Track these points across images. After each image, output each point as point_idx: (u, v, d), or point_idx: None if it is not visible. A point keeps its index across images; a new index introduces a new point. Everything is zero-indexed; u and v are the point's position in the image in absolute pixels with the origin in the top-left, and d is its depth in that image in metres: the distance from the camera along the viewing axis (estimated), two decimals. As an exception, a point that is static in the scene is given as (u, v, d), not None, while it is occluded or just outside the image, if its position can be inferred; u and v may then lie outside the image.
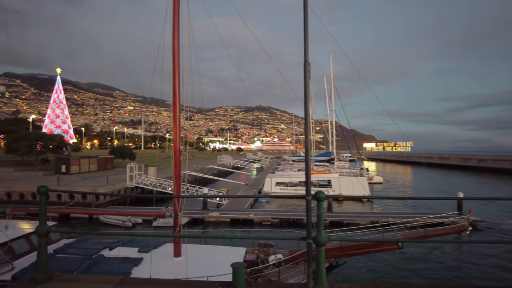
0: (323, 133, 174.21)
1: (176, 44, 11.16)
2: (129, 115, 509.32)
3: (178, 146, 11.54)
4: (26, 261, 10.81)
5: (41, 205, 3.32)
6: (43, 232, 3.24)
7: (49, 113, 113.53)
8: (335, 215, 27.14)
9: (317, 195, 3.24)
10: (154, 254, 10.93)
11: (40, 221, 3.30)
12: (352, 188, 37.99)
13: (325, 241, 3.07)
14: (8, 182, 35.60)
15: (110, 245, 12.17)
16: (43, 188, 3.34)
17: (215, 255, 11.62)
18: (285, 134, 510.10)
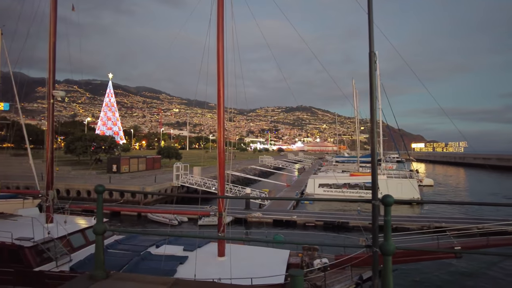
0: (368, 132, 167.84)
1: (221, 47, 11.28)
2: (175, 117, 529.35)
3: (222, 146, 11.61)
4: (82, 254, 11.53)
5: (98, 203, 3.41)
6: (101, 230, 3.32)
7: (101, 116, 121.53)
8: (381, 219, 25.89)
9: (386, 199, 2.92)
10: (199, 253, 11.11)
11: (98, 219, 3.39)
12: (401, 191, 36.14)
13: (393, 250, 2.80)
14: (67, 179, 38.47)
15: (157, 242, 12.61)
16: (100, 187, 3.42)
17: (258, 256, 11.54)
18: (327, 134, 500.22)
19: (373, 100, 2.88)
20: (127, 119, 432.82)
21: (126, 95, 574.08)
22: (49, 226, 12.13)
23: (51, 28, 12.68)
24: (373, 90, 2.91)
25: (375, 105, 2.90)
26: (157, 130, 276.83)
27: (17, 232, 11.05)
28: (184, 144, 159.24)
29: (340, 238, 17.69)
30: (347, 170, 51.42)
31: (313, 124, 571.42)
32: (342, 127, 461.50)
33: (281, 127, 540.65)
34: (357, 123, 65.31)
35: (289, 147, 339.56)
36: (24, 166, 39.71)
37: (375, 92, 2.95)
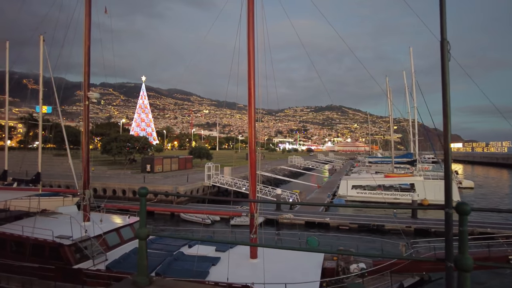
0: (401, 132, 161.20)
1: (252, 47, 11.03)
2: (205, 118, 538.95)
3: (254, 147, 11.34)
4: (117, 253, 11.69)
5: (141, 207, 3.21)
6: (144, 235, 3.13)
7: (135, 118, 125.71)
8: (421, 222, 24.66)
9: (461, 207, 2.40)
10: (231, 254, 10.92)
11: (141, 223, 3.19)
12: (439, 193, 34.25)
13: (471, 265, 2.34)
14: (103, 179, 39.92)
15: (189, 242, 12.56)
16: (143, 190, 3.22)
17: (291, 259, 11.15)
18: (358, 134, 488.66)
19: (446, 91, 2.45)
20: (160, 120, 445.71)
21: (159, 97, 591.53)
22: (86, 225, 12.45)
23: (85, 33, 13.05)
24: (446, 83, 2.47)
25: (448, 98, 2.46)
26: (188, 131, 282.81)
27: (57, 230, 11.41)
28: (214, 144, 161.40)
29: (378, 242, 16.90)
30: (381, 171, 49.63)
31: (344, 123, 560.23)
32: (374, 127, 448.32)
33: (310, 127, 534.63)
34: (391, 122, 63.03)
35: (318, 147, 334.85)
36: (64, 165, 41.69)
37: (448, 87, 2.52)
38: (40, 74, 25.30)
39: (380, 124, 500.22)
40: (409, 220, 25.79)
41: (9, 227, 12.25)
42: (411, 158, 55.57)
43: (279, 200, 29.95)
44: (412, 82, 47.22)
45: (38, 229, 11.30)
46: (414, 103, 49.35)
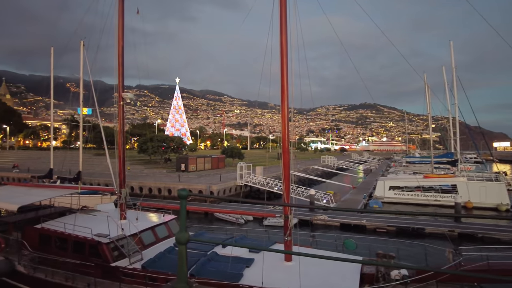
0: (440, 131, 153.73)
1: (284, 46, 10.67)
2: (236, 118, 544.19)
3: (287, 146, 11.00)
4: (152, 251, 11.81)
5: (181, 209, 3.03)
6: (184, 240, 2.94)
7: (170, 118, 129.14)
8: (465, 227, 23.10)
9: None
10: (266, 256, 10.65)
11: (181, 227, 3.01)
12: (485, 195, 32.11)
13: None
14: (140, 178, 41.24)
15: (223, 241, 12.44)
16: (183, 192, 3.03)
17: (328, 262, 10.67)
18: (394, 133, 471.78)
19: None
20: (193, 120, 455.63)
21: (192, 98, 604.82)
22: (122, 223, 12.71)
23: (118, 34, 13.36)
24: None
25: None
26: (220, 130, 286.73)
27: (95, 228, 11.75)
28: (246, 144, 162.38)
29: (420, 247, 15.92)
30: (419, 172, 47.31)
31: (378, 122, 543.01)
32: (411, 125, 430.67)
33: (343, 126, 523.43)
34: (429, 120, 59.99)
35: (352, 146, 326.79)
36: (104, 164, 43.47)
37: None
38: (80, 78, 26.45)
39: (417, 122, 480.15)
40: (453, 223, 24.25)
41: (52, 223, 12.80)
42: (451, 158, 52.59)
43: (312, 200, 29.36)
44: (453, 78, 44.57)
45: (79, 227, 11.70)
46: (455, 99, 46.61)
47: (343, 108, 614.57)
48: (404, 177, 39.17)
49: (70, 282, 10.90)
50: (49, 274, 11.39)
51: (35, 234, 12.66)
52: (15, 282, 12.28)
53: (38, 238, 12.59)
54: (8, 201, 14.12)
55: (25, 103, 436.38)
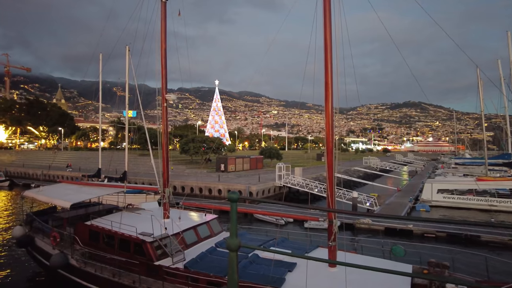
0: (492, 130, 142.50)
1: (328, 44, 10.20)
2: (274, 119, 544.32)
3: (331, 146, 10.52)
4: (194, 251, 11.88)
5: (232, 214, 2.81)
6: (235, 246, 2.73)
7: (210, 120, 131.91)
8: None
9: None
10: (308, 260, 10.27)
11: (231, 232, 2.79)
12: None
13: None
14: (182, 177, 42.37)
15: (264, 243, 12.22)
16: (234, 195, 2.81)
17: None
18: (440, 132, 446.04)
19: None
20: (231, 121, 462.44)
21: (230, 100, 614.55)
22: (166, 222, 12.96)
23: (161, 37, 13.69)
24: None
25: None
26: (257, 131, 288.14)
27: (140, 226, 12.08)
28: (283, 144, 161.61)
29: (480, 257, 14.50)
30: (471, 174, 44.01)
31: (424, 121, 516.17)
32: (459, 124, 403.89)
33: (385, 125, 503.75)
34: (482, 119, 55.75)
35: (396, 147, 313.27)
36: (148, 164, 45.23)
37: None
38: (126, 81, 27.65)
39: (466, 121, 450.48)
40: None
41: (101, 221, 13.39)
42: (509, 160, 48.43)
43: (355, 203, 28.30)
44: (511, 72, 41.08)
45: (125, 225, 12.09)
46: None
47: (385, 107, 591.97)
48: (455, 180, 36.61)
49: (117, 278, 11.28)
50: (98, 269, 11.91)
51: (85, 230, 13.31)
52: (68, 275, 13.00)
53: (88, 234, 13.23)
54: (63, 198, 15.00)
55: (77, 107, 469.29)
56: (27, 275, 16.68)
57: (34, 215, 16.51)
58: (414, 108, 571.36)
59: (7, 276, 16.44)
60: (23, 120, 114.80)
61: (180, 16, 14.10)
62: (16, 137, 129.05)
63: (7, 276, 16.44)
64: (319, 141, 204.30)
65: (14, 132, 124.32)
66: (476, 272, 10.67)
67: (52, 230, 13.80)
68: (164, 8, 13.99)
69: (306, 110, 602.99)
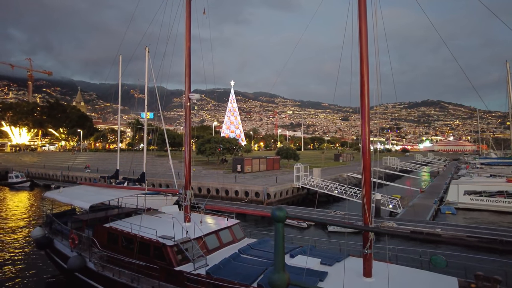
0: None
1: (364, 41, 9.47)
2: (289, 119, 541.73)
3: (368, 146, 9.80)
4: (216, 257, 11.31)
5: (277, 236, 2.13)
6: (283, 284, 2.03)
7: (225, 120, 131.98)
8: None
9: None
10: (339, 269, 9.56)
11: (276, 265, 2.09)
12: None
13: None
14: (199, 178, 42.14)
15: (290, 250, 11.57)
16: (280, 212, 2.14)
17: (413, 281, 9.22)
18: (460, 131, 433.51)
19: None
20: (246, 122, 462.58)
21: (245, 101, 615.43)
22: (187, 225, 12.50)
23: (186, 35, 13.25)
24: None
25: None
26: (273, 132, 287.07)
27: (160, 230, 11.64)
28: (299, 144, 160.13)
29: None
30: (500, 175, 42.06)
31: (443, 120, 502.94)
32: (481, 123, 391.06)
33: (403, 124, 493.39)
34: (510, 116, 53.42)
35: (415, 146, 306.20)
36: (165, 165, 45.29)
37: None
38: (145, 82, 27.57)
39: (488, 119, 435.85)
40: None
41: (120, 223, 13.05)
42: (537, 160, 46.12)
43: (378, 205, 27.26)
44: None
45: (144, 228, 11.70)
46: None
47: (403, 106, 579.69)
48: (483, 181, 34.95)
49: (136, 283, 10.87)
50: (116, 273, 11.53)
51: (104, 232, 13.01)
52: (85, 278, 12.71)
53: (106, 236, 12.92)
54: (82, 199, 14.81)
55: (96, 109, 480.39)
56: (44, 277, 16.60)
57: (54, 216, 16.42)
58: (433, 106, 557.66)
59: (25, 277, 16.41)
60: (44, 122, 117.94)
61: (205, 14, 13.65)
62: (38, 139, 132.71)
63: (25, 277, 16.41)
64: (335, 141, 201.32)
65: (36, 134, 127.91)
66: None
67: (70, 232, 13.60)
68: (189, 5, 13.58)
69: (321, 110, 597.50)
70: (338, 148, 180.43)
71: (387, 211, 28.30)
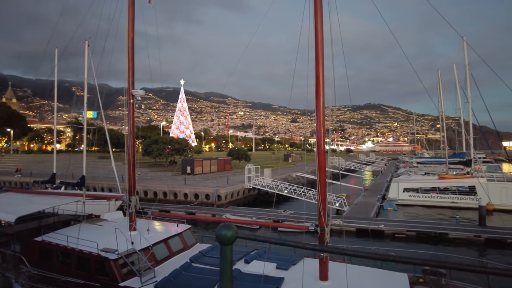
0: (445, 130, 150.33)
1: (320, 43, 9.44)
2: (240, 120, 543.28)
3: (322, 147, 9.76)
4: (165, 267, 10.52)
5: (224, 265, 1.63)
6: None
7: (174, 120, 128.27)
8: (492, 231, 21.72)
9: None
10: (295, 274, 9.40)
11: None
12: (507, 197, 30.70)
13: None
14: (145, 181, 40.19)
15: (245, 256, 11.16)
16: (227, 231, 1.66)
17: (370, 281, 9.34)
18: (398, 133, 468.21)
19: None
20: (197, 123, 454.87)
21: (196, 101, 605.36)
22: (132, 235, 11.47)
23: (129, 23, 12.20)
24: None
25: None
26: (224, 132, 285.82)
27: (102, 241, 10.53)
28: (250, 145, 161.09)
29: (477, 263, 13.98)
30: (433, 173, 45.87)
31: (383, 122, 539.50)
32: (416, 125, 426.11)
33: (347, 126, 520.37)
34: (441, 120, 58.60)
35: (358, 147, 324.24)
36: (108, 167, 42.47)
37: None
38: (85, 78, 25.51)
39: (422, 122, 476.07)
40: (477, 228, 22.91)
41: (54, 236, 11.57)
42: (464, 158, 51.14)
43: (326, 204, 27.98)
44: (466, 76, 43.25)
45: (83, 240, 10.50)
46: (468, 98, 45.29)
47: (347, 109, 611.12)
48: (419, 178, 37.80)
49: None
50: None
51: (35, 247, 11.46)
52: None
53: (38, 252, 11.39)
54: (6, 211, 12.96)
55: (31, 107, 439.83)
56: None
57: None
58: (375, 110, 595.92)
59: None
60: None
61: (151, 3, 12.73)
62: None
63: None
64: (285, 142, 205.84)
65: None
66: (475, 279, 10.28)
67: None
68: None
69: (272, 112, 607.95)
70: (287, 149, 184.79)
71: (334, 209, 29.24)
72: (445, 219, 28.45)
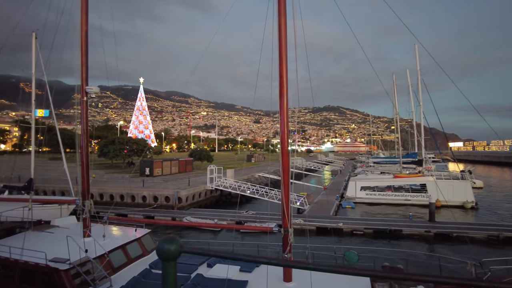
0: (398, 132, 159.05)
1: (284, 44, 9.46)
2: (203, 120, 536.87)
3: (286, 147, 9.76)
4: (123, 275, 9.95)
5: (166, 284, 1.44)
6: None
7: (133, 120, 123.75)
8: (440, 226, 23.22)
9: None
10: (259, 276, 9.31)
11: None
12: (452, 194, 32.98)
13: None
14: (100, 183, 38.24)
15: (207, 259, 10.87)
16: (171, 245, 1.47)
17: (332, 280, 9.47)
18: (356, 134, 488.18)
19: None
20: (158, 123, 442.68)
21: (156, 100, 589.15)
22: (86, 242, 10.66)
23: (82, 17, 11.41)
24: None
25: None
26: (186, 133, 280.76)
27: (52, 250, 9.66)
28: (213, 146, 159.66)
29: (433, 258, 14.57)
30: (388, 172, 48.24)
31: (341, 124, 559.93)
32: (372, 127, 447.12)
33: (308, 127, 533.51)
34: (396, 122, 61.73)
35: (318, 147, 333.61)
36: (60, 170, 39.83)
37: None
38: (32, 74, 23.71)
39: (377, 124, 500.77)
40: (427, 223, 24.38)
41: None
42: (416, 158, 54.38)
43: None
44: (418, 81, 46.02)
45: (29, 250, 9.53)
46: (420, 101, 48.19)
47: (308, 110, 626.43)
48: (376, 177, 39.54)
49: None
50: None
51: None
52: None
53: None
54: None
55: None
56: None
57: None
58: (333, 111, 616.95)
59: None
60: None
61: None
62: None
63: None
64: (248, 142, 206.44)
65: None
66: (430, 273, 10.87)
67: None
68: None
69: (235, 112, 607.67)
70: (250, 149, 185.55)
71: (295, 208, 29.71)
72: (402, 216, 29.97)
